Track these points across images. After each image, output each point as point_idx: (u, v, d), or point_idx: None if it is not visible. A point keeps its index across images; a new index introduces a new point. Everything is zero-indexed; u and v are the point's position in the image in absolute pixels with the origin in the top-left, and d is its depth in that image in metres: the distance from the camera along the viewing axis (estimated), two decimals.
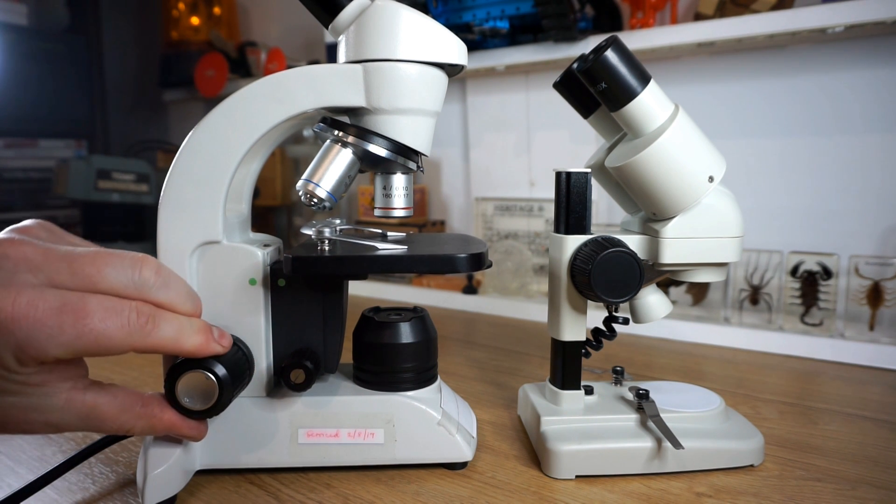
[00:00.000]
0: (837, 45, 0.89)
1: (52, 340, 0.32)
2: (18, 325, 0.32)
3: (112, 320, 0.34)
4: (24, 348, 0.32)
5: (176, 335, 0.36)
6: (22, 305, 0.32)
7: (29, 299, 0.32)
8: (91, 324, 0.33)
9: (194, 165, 0.44)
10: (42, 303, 0.32)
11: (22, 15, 1.56)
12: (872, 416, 0.62)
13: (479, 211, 1.16)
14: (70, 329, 0.33)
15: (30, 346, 0.32)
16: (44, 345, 0.32)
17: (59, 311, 0.33)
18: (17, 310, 0.32)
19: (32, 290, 0.33)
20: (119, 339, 0.34)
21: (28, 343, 0.32)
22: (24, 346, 0.32)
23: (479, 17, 1.01)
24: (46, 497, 0.46)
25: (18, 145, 1.55)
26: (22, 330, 0.32)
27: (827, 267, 0.84)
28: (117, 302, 0.34)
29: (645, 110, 0.48)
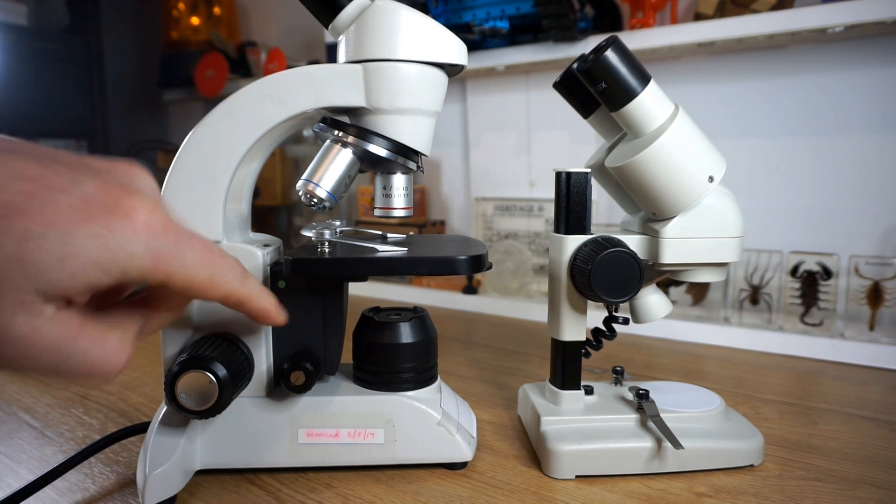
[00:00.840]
0: (837, 45, 0.89)
1: (181, 258, 0.31)
2: (167, 230, 0.30)
3: (227, 266, 0.34)
4: (159, 259, 0.30)
5: (259, 292, 0.37)
6: (167, 217, 0.31)
7: (169, 215, 0.31)
8: (214, 257, 0.33)
9: (194, 165, 0.44)
10: (179, 225, 0.31)
11: (22, 15, 1.56)
12: (872, 416, 0.62)
13: (479, 211, 1.16)
14: (199, 253, 0.32)
15: (163, 258, 0.30)
16: (172, 260, 0.30)
17: (191, 235, 0.32)
18: (167, 221, 0.30)
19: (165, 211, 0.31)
20: (229, 279, 0.34)
21: (165, 254, 0.30)
22: (160, 256, 0.30)
23: (479, 17, 1.01)
24: (46, 497, 0.46)
25: None
26: (169, 237, 0.30)
27: (827, 267, 0.84)
28: (225, 252, 0.35)
29: (645, 110, 0.48)
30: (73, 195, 0.28)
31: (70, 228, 0.27)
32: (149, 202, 0.30)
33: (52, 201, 0.27)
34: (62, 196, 0.27)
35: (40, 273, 0.27)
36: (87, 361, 0.30)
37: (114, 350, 0.31)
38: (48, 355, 0.29)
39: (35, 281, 0.27)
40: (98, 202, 0.28)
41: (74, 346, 0.29)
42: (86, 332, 0.30)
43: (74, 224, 0.27)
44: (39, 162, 0.28)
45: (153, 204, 0.30)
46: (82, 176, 0.29)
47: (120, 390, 0.67)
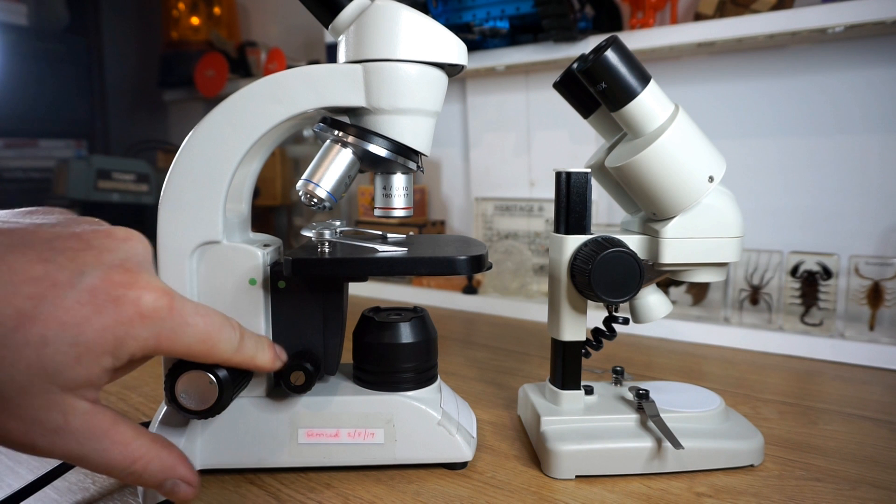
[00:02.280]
0: (837, 45, 0.89)
1: (182, 338, 0.33)
2: (172, 312, 0.32)
3: (224, 332, 0.36)
4: (161, 340, 0.32)
5: (254, 352, 0.39)
6: (169, 295, 0.32)
7: (171, 291, 0.33)
8: (213, 332, 0.35)
9: (194, 165, 0.44)
10: (181, 300, 0.33)
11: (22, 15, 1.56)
12: (872, 416, 0.62)
13: (479, 211, 1.16)
14: (200, 330, 0.34)
15: (166, 340, 0.32)
16: (174, 341, 0.33)
17: (195, 311, 0.34)
18: (171, 300, 0.32)
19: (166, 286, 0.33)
20: (224, 350, 0.36)
21: (168, 336, 0.32)
22: (162, 337, 0.32)
23: (479, 17, 1.01)
24: (46, 497, 0.46)
25: (18, 145, 1.55)
26: (173, 319, 0.32)
27: (827, 267, 0.84)
28: (226, 320, 0.37)
29: (645, 110, 0.48)
30: (80, 290, 0.29)
31: (82, 326, 0.29)
32: (152, 285, 0.31)
33: (60, 301, 0.28)
34: (69, 293, 0.29)
35: (60, 373, 0.29)
36: (107, 461, 0.32)
37: (134, 452, 0.33)
38: (75, 449, 0.31)
39: (56, 381, 0.29)
40: (104, 293, 0.30)
41: (101, 442, 0.31)
42: (113, 430, 0.32)
43: (85, 321, 0.29)
44: (41, 257, 0.29)
45: (154, 285, 0.32)
46: (84, 266, 0.30)
47: (120, 390, 0.67)
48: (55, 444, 0.30)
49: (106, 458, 0.32)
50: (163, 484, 0.35)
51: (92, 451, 0.31)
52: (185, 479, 0.35)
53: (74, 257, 0.29)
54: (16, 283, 0.28)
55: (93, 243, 0.31)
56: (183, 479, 0.35)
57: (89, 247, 0.30)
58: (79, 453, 0.31)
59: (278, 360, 0.43)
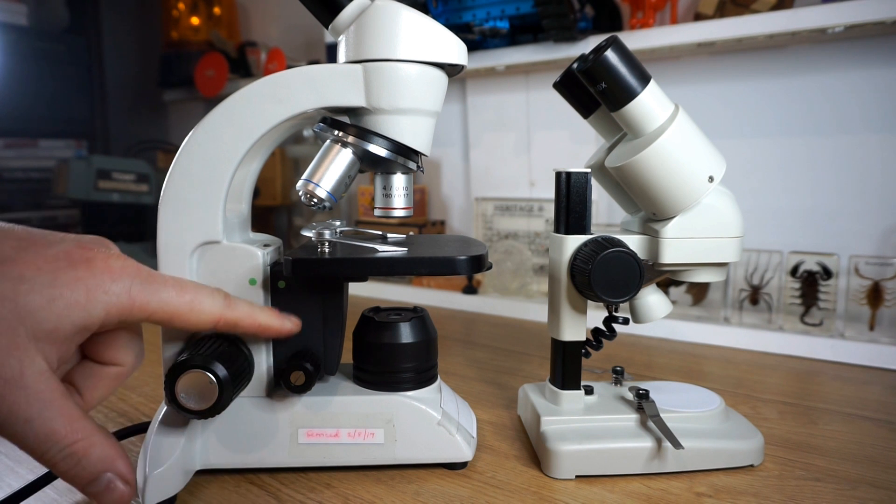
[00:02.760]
0: (837, 45, 0.89)
1: (156, 293, 0.35)
2: (140, 272, 0.35)
3: (203, 291, 0.38)
4: (134, 294, 0.34)
5: (250, 310, 0.41)
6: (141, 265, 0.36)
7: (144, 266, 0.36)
8: (188, 289, 0.37)
9: (194, 165, 0.44)
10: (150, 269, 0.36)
11: (22, 15, 1.56)
12: (872, 416, 0.62)
13: (479, 211, 1.16)
14: (173, 287, 0.36)
15: (138, 294, 0.34)
16: (148, 295, 0.35)
17: (164, 275, 0.37)
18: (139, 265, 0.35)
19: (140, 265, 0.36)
20: (209, 306, 0.38)
21: (140, 290, 0.34)
22: (135, 292, 0.34)
23: (479, 17, 1.01)
24: (46, 497, 0.46)
25: (18, 145, 1.55)
26: (142, 277, 0.35)
27: (827, 267, 0.84)
28: (203, 284, 0.39)
29: (645, 110, 0.48)
30: (57, 249, 0.33)
31: (56, 273, 0.32)
32: (121, 254, 0.35)
33: (39, 252, 0.32)
34: (47, 249, 0.33)
35: (31, 314, 0.30)
36: (50, 429, 0.31)
37: (79, 431, 0.32)
38: (22, 407, 0.30)
39: (26, 321, 0.30)
40: (77, 254, 0.33)
41: (49, 408, 0.31)
42: (62, 401, 0.32)
43: (60, 270, 0.32)
44: (25, 230, 0.34)
45: (124, 256, 0.36)
46: (64, 239, 0.34)
47: (120, 390, 0.67)
48: (4, 397, 0.30)
49: (50, 426, 0.31)
50: (98, 479, 0.33)
51: (38, 414, 0.30)
52: (123, 476, 0.33)
53: (55, 234, 0.34)
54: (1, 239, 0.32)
55: (70, 235, 0.35)
56: (122, 476, 0.33)
57: (67, 234, 0.35)
58: (25, 414, 0.30)
59: (288, 321, 0.43)
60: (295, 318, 0.44)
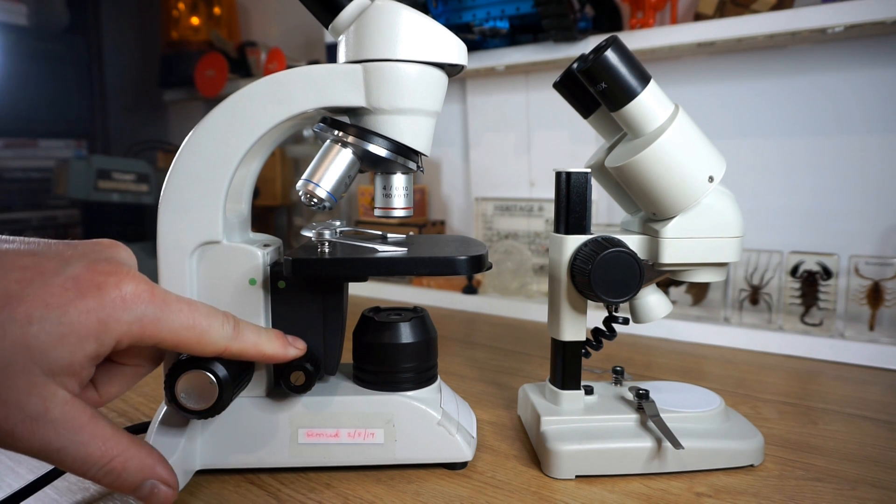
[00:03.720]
0: (837, 45, 0.89)
1: (167, 323, 0.34)
2: (154, 298, 0.33)
3: (215, 320, 0.37)
4: (146, 324, 0.33)
5: (256, 340, 0.40)
6: (151, 286, 0.34)
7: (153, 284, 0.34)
8: (199, 318, 0.36)
9: (194, 165, 0.44)
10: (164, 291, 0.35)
11: (22, 15, 1.56)
12: (872, 416, 0.62)
13: (479, 211, 1.16)
14: (185, 316, 0.35)
15: (150, 323, 0.33)
16: (159, 325, 0.33)
17: (177, 301, 0.35)
18: (153, 289, 0.34)
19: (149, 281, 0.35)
20: (218, 336, 0.37)
21: (152, 319, 0.33)
22: (146, 321, 0.33)
23: (479, 17, 1.01)
24: (46, 497, 0.46)
25: (18, 145, 1.55)
26: (155, 304, 0.33)
27: (827, 267, 0.84)
28: (215, 309, 0.38)
29: (645, 110, 0.48)
30: (65, 276, 0.31)
31: (66, 308, 0.30)
32: (134, 275, 0.33)
33: (46, 285, 0.30)
34: (55, 279, 0.31)
35: (44, 353, 0.30)
36: (85, 454, 0.32)
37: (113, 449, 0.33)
38: (53, 439, 0.31)
39: (40, 361, 0.30)
40: (87, 280, 0.31)
41: (79, 435, 0.31)
42: (92, 425, 0.32)
43: (69, 303, 0.30)
44: (31, 251, 0.32)
45: (137, 276, 0.33)
46: (70, 259, 0.32)
47: None
48: (34, 433, 0.30)
49: (84, 451, 0.31)
50: (141, 486, 0.34)
51: (70, 443, 0.31)
52: (164, 480, 0.35)
53: (61, 254, 0.32)
54: (5, 270, 0.29)
55: (79, 247, 0.34)
56: (162, 480, 0.35)
57: (75, 249, 0.33)
58: (57, 444, 0.31)
59: (292, 347, 0.43)
60: (301, 343, 0.44)
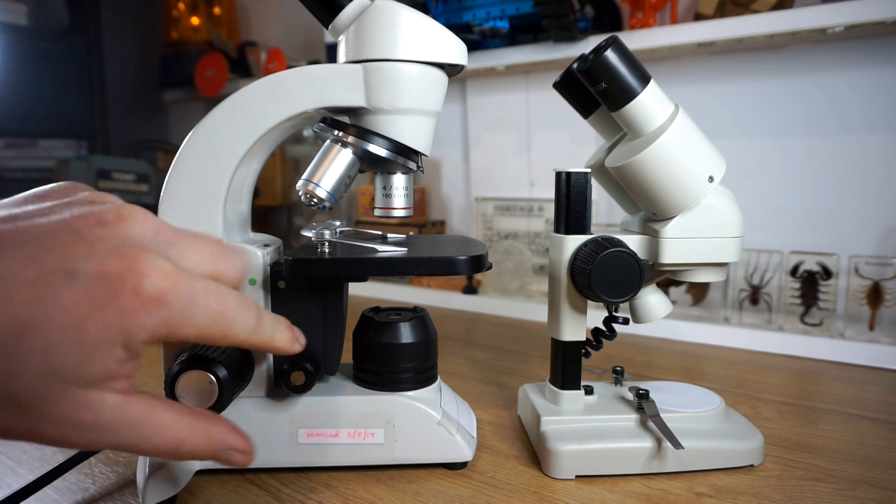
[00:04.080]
0: (837, 45, 0.89)
1: (193, 319, 0.30)
2: (179, 292, 0.29)
3: (241, 311, 0.33)
4: (172, 324, 0.29)
5: (272, 332, 0.36)
6: (174, 275, 0.29)
7: (176, 270, 0.29)
8: (228, 310, 0.32)
9: (194, 165, 0.44)
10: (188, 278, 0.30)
11: (22, 15, 1.56)
12: (872, 416, 0.62)
13: (479, 211, 1.16)
14: (213, 309, 0.31)
15: (176, 323, 0.29)
16: (186, 323, 0.30)
17: (205, 290, 0.31)
18: (175, 281, 0.29)
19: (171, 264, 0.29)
20: (241, 330, 0.33)
21: (178, 319, 0.29)
22: (172, 322, 0.29)
23: (479, 17, 1.01)
24: (46, 497, 0.46)
25: (18, 145, 1.55)
26: (180, 300, 0.29)
27: (827, 267, 0.84)
28: (241, 297, 0.33)
29: (645, 110, 0.48)
30: (76, 287, 0.27)
31: (84, 325, 0.27)
32: (151, 264, 0.28)
33: (57, 303, 0.27)
34: (65, 292, 0.27)
35: (74, 374, 0.28)
36: (153, 446, 0.31)
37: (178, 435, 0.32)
38: (121, 441, 0.30)
39: (74, 380, 0.28)
40: (101, 287, 0.28)
41: (140, 430, 0.30)
42: (150, 419, 0.31)
43: (86, 319, 0.27)
44: (32, 258, 0.27)
45: (155, 264, 0.29)
46: (77, 261, 0.28)
47: None
48: (94, 440, 0.29)
49: (151, 444, 0.31)
50: (217, 455, 0.34)
51: (133, 439, 0.30)
52: (237, 448, 0.34)
53: (65, 252, 0.28)
54: (9, 292, 0.26)
55: (84, 233, 0.28)
56: (236, 448, 0.34)
57: (80, 238, 0.28)
58: (121, 444, 0.30)
59: (297, 342, 0.40)
60: (302, 338, 0.41)
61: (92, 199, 0.31)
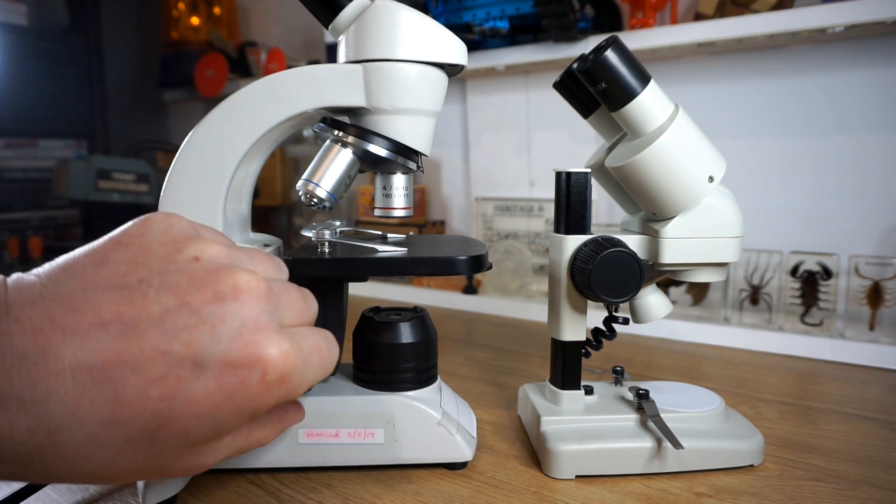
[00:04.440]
0: (837, 45, 0.89)
1: (302, 387, 0.32)
2: (296, 372, 0.31)
3: (332, 349, 0.34)
4: (288, 396, 0.31)
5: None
6: (292, 355, 0.30)
7: (293, 348, 0.31)
8: (326, 359, 0.33)
9: (194, 165, 0.44)
10: (301, 350, 0.31)
11: (22, 15, 1.56)
12: (872, 416, 0.62)
13: (479, 211, 1.16)
14: (317, 370, 0.33)
15: (293, 393, 0.31)
16: (302, 387, 0.32)
17: (311, 351, 0.32)
18: (294, 360, 0.30)
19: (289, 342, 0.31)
20: (333, 364, 0.35)
21: (293, 392, 0.31)
22: (289, 396, 0.31)
23: (479, 17, 1.01)
24: (46, 497, 0.46)
25: (18, 145, 1.55)
26: (297, 375, 0.31)
27: (827, 267, 0.84)
28: (326, 338, 0.34)
29: (645, 110, 0.48)
30: (206, 380, 0.29)
31: (216, 414, 0.29)
32: (274, 351, 0.30)
33: (190, 395, 0.29)
34: (195, 385, 0.29)
35: (211, 445, 0.31)
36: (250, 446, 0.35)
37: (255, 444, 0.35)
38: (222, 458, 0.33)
39: (210, 447, 0.31)
40: (229, 377, 0.29)
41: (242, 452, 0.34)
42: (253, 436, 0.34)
43: (217, 408, 0.29)
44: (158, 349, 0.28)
45: (279, 351, 0.30)
46: (203, 352, 0.29)
47: None
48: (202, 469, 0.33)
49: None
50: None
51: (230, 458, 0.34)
52: (294, 421, 0.37)
53: (190, 342, 0.28)
54: (144, 387, 0.28)
55: (202, 313, 0.29)
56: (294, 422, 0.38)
57: (201, 321, 0.29)
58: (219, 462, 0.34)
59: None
60: None
61: (197, 255, 0.31)
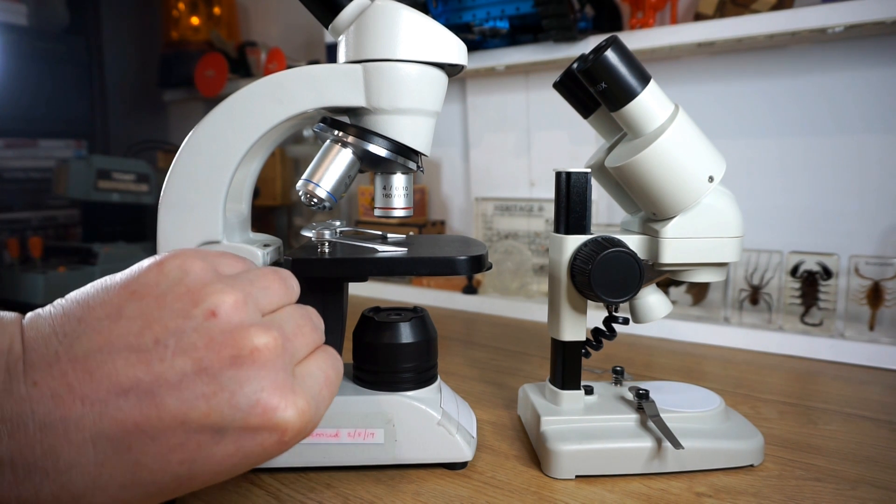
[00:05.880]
0: (837, 45, 0.89)
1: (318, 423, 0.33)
2: (311, 423, 0.31)
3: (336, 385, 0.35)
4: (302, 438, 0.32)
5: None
6: (309, 411, 0.31)
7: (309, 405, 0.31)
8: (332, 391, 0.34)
9: (194, 165, 0.44)
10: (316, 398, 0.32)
11: (22, 15, 1.56)
12: (872, 416, 0.62)
13: (479, 211, 1.16)
14: (328, 401, 0.34)
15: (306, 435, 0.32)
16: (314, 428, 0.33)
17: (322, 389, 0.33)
18: (312, 414, 0.31)
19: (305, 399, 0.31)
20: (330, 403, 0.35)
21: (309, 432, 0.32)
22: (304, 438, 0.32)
23: (479, 17, 1.01)
24: None
25: (18, 145, 1.55)
26: (308, 429, 0.31)
27: (827, 267, 0.84)
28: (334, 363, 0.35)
29: (645, 110, 0.48)
30: (225, 445, 0.29)
31: (235, 471, 0.31)
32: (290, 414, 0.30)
33: (209, 459, 0.29)
34: (215, 449, 0.29)
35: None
36: None
37: None
38: None
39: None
40: (249, 442, 0.30)
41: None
42: None
43: (235, 467, 0.30)
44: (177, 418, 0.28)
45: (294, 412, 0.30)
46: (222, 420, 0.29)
47: None
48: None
49: None
50: None
51: None
52: None
53: (209, 411, 0.28)
54: (165, 455, 0.28)
55: (221, 380, 0.29)
56: None
57: (220, 388, 0.29)
58: None
59: None
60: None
61: (214, 309, 0.30)
